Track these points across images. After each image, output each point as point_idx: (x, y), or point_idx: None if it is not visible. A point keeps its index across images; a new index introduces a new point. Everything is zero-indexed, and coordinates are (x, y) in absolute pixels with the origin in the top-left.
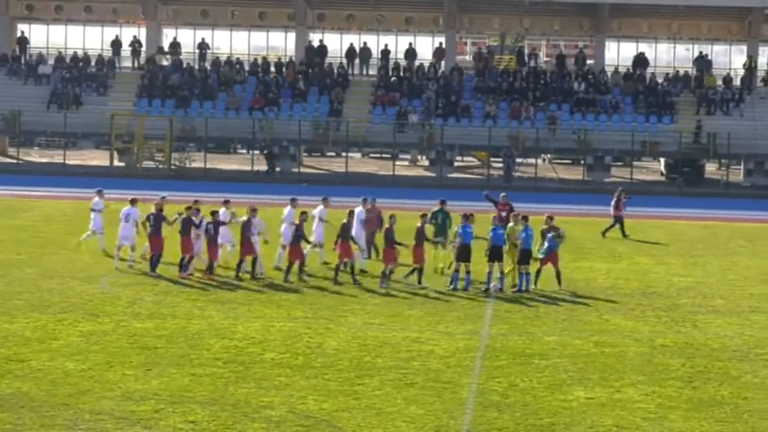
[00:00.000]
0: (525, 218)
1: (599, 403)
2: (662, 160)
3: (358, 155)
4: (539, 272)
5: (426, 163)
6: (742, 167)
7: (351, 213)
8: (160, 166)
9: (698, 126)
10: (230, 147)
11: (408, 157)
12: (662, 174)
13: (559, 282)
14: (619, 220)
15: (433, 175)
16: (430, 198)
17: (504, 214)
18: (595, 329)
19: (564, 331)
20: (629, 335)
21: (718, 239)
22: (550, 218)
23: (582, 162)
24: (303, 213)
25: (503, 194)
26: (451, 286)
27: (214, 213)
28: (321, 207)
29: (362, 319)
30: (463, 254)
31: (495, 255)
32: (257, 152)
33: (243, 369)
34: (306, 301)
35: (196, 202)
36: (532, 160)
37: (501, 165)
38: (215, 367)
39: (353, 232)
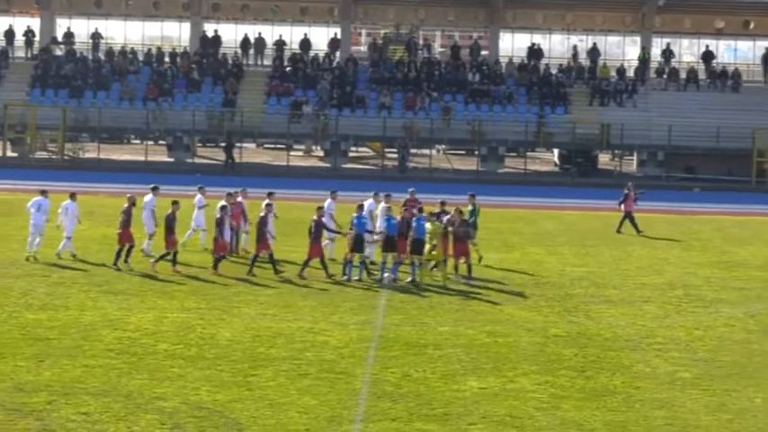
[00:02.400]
0: (420, 209)
1: (492, 393)
2: (555, 151)
3: (252, 145)
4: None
5: (321, 153)
6: (635, 158)
7: (320, 209)
8: (53, 157)
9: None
10: (124, 137)
11: (303, 147)
12: (555, 164)
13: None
14: (629, 215)
15: (328, 165)
16: (324, 189)
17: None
18: (488, 319)
19: (457, 321)
20: (522, 325)
21: (611, 230)
22: (442, 203)
23: (476, 153)
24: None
25: (411, 189)
26: (345, 277)
27: (175, 203)
28: (330, 201)
29: (256, 310)
30: (357, 244)
31: (388, 245)
32: (153, 142)
33: (136, 360)
34: (199, 292)
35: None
36: (427, 151)
37: (395, 155)
38: (108, 358)
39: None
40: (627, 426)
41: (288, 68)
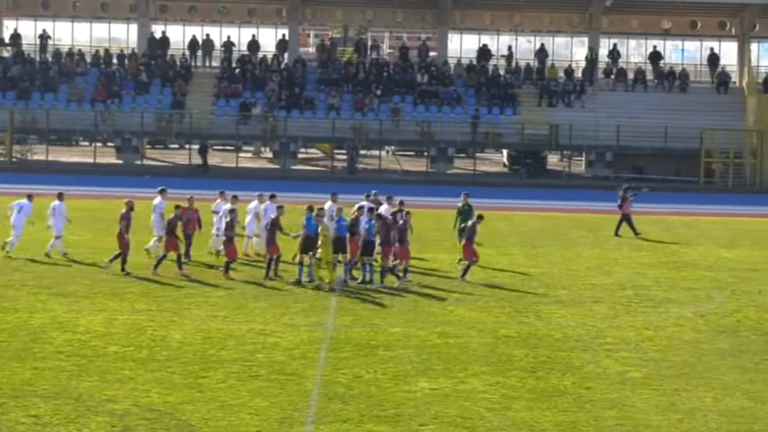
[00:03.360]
0: (371, 209)
1: (443, 394)
2: (504, 152)
3: None
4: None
5: (270, 155)
6: (584, 159)
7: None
8: (1, 159)
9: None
10: (72, 139)
11: (252, 149)
12: (505, 165)
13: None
14: (626, 217)
15: (277, 166)
16: (273, 190)
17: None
18: (439, 320)
19: (408, 322)
20: (472, 326)
21: (560, 230)
22: (401, 203)
23: (425, 154)
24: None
25: (374, 191)
26: (296, 278)
27: (177, 207)
28: (330, 203)
29: (207, 312)
30: (307, 245)
31: (338, 246)
32: (102, 144)
33: (86, 362)
34: (150, 294)
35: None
36: (376, 152)
37: (345, 157)
38: (58, 361)
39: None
40: (578, 426)
41: (236, 70)
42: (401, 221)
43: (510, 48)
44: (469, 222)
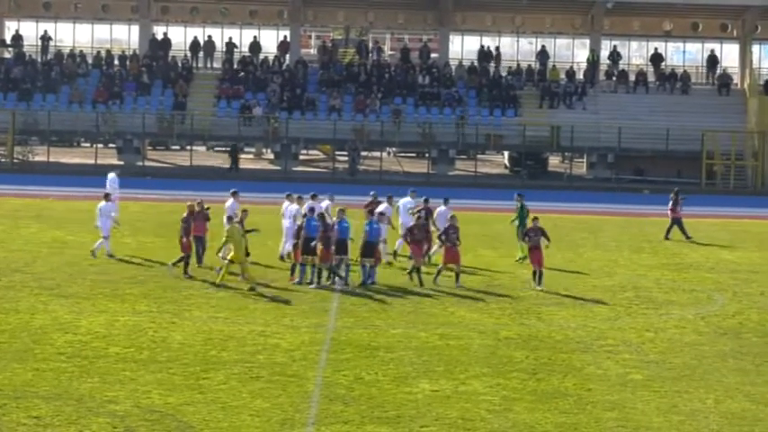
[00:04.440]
0: (371, 212)
1: (444, 396)
2: (506, 153)
3: (203, 148)
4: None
5: (271, 156)
6: (585, 160)
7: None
8: (2, 160)
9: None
10: (74, 140)
11: (253, 150)
12: (506, 167)
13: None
14: (677, 221)
15: (278, 168)
16: (275, 191)
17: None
18: (440, 322)
19: (409, 324)
20: (473, 327)
21: (562, 232)
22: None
23: (426, 155)
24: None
25: (372, 193)
26: (297, 280)
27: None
28: (328, 201)
29: (207, 313)
30: (307, 246)
31: (340, 248)
32: (103, 145)
33: (87, 364)
34: (150, 296)
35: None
36: (377, 153)
37: (346, 158)
38: (59, 362)
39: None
40: (578, 428)
41: (238, 71)
42: (422, 220)
43: (498, 48)
44: (529, 225)
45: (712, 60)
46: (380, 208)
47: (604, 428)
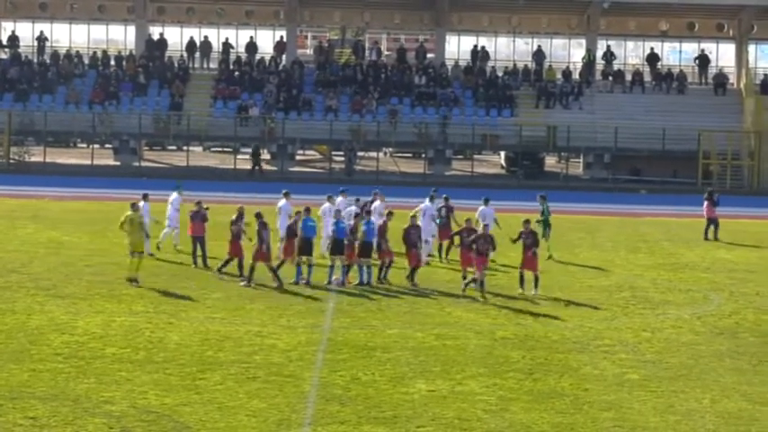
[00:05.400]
0: (369, 212)
1: (441, 396)
2: (502, 153)
3: (199, 149)
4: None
5: (268, 157)
6: (581, 160)
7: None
8: None
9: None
10: (70, 141)
11: (249, 150)
12: (502, 167)
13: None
14: (713, 221)
15: (275, 168)
16: (272, 192)
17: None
18: (437, 322)
19: (406, 324)
20: (470, 327)
21: (558, 232)
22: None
23: (423, 155)
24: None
25: (375, 191)
26: (293, 280)
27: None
28: (335, 201)
29: (204, 314)
30: (305, 247)
31: (336, 248)
32: (100, 145)
33: (84, 364)
34: (147, 296)
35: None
36: (374, 154)
37: (342, 158)
38: (55, 362)
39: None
40: (575, 428)
41: (234, 71)
42: (444, 217)
43: (484, 47)
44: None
45: (704, 60)
46: (374, 205)
47: (601, 428)
